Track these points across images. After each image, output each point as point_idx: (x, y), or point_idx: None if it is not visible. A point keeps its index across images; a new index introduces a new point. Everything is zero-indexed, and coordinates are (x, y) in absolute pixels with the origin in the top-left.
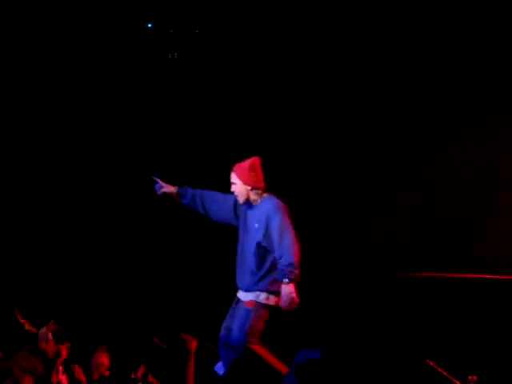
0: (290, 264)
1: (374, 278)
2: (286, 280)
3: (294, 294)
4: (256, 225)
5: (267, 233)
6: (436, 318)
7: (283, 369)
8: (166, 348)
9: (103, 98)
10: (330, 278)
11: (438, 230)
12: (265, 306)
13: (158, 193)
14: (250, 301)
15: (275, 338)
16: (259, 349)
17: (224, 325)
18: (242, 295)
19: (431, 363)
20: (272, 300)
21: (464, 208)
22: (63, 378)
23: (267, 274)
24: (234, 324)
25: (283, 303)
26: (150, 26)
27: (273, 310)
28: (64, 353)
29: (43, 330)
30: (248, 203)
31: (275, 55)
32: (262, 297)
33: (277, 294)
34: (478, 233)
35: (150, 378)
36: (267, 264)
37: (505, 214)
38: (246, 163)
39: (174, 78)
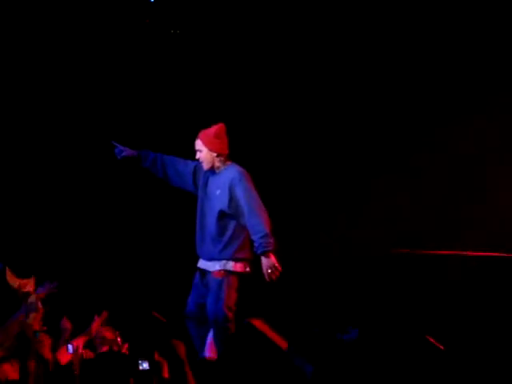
0: (265, 235)
1: (370, 257)
2: (265, 252)
3: (275, 264)
4: (218, 191)
5: (232, 200)
6: (436, 294)
7: (283, 344)
8: (166, 322)
9: (104, 73)
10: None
11: (438, 228)
12: (233, 273)
13: (119, 157)
14: (219, 270)
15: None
16: (259, 323)
17: (190, 300)
18: (206, 265)
19: (431, 339)
20: (239, 267)
21: (467, 207)
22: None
23: (231, 242)
24: (208, 299)
25: (267, 274)
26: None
27: (242, 278)
28: (68, 326)
29: (32, 298)
30: (211, 170)
31: (276, 40)
32: (230, 264)
33: (243, 260)
34: (477, 234)
35: (157, 357)
36: (229, 231)
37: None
38: (212, 130)
39: (176, 54)
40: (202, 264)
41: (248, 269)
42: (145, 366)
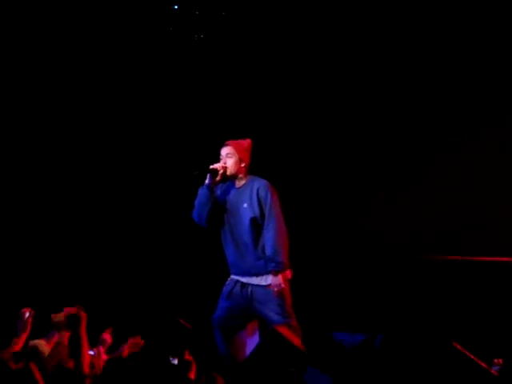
0: (281, 262)
1: (389, 261)
2: (276, 271)
3: (282, 284)
4: (244, 205)
5: (261, 210)
6: (463, 300)
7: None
8: (192, 328)
9: (127, 79)
10: (348, 263)
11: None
12: (288, 281)
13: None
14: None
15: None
16: (284, 330)
17: (223, 308)
18: (253, 280)
19: (458, 346)
20: (290, 273)
21: (490, 210)
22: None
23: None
24: (268, 311)
25: (274, 291)
26: (176, 7)
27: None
28: (108, 339)
29: (59, 317)
30: (229, 188)
31: (298, 43)
32: (285, 274)
33: (290, 267)
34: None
35: (187, 356)
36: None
37: None
38: (245, 142)
39: (200, 60)
40: (246, 279)
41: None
42: (174, 362)
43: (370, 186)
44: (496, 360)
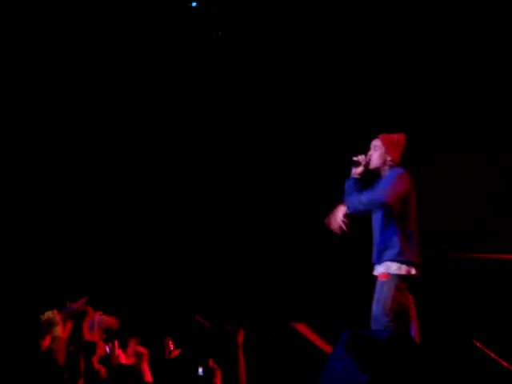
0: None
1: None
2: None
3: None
4: None
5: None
6: (484, 298)
7: (327, 348)
8: (211, 327)
9: (146, 76)
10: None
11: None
12: (397, 276)
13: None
14: (382, 272)
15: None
16: (302, 327)
17: None
18: (375, 269)
19: (478, 344)
20: (403, 270)
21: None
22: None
23: (392, 243)
24: (373, 300)
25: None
26: (194, 5)
27: (407, 280)
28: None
29: (49, 315)
30: (376, 178)
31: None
32: (394, 267)
33: (407, 263)
34: None
35: (211, 364)
36: (390, 232)
37: None
38: (396, 136)
39: (218, 57)
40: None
41: (414, 272)
42: (199, 371)
43: None
44: None
